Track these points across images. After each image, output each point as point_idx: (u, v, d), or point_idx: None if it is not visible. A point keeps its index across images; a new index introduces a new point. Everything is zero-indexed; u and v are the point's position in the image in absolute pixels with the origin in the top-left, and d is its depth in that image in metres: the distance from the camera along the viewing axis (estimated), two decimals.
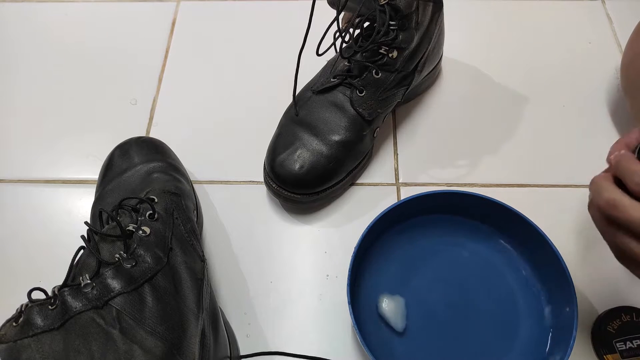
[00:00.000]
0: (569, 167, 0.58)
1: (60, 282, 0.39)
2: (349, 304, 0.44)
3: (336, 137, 0.53)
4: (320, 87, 0.55)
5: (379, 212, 0.49)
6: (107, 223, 0.44)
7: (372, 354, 0.42)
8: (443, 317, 0.49)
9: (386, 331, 0.48)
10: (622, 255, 0.35)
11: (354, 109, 0.53)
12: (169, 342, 0.38)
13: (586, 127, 0.61)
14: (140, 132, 0.62)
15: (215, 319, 0.44)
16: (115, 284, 0.38)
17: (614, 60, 0.67)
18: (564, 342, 0.43)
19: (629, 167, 0.34)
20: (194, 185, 0.56)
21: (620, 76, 0.59)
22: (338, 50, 0.54)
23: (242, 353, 0.48)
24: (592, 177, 0.59)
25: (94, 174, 0.55)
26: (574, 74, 0.66)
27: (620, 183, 0.35)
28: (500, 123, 0.62)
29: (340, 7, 0.50)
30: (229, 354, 0.45)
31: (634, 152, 0.36)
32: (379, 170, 0.59)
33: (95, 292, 0.38)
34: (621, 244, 0.34)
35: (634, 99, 0.56)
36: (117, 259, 0.40)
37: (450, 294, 0.50)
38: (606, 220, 0.35)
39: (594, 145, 0.60)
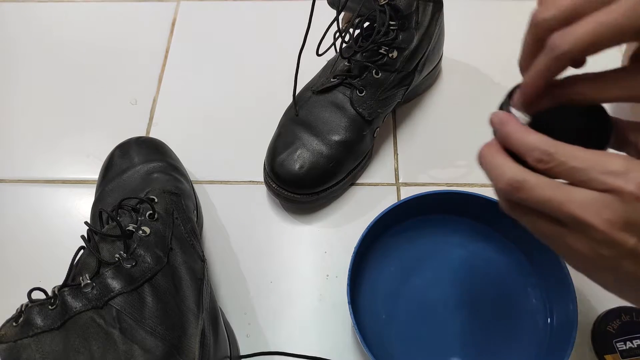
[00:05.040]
0: None
1: (60, 282, 0.39)
2: (349, 304, 0.44)
3: (336, 137, 0.53)
4: (320, 87, 0.55)
5: (379, 212, 0.49)
6: (107, 223, 0.44)
7: (372, 354, 0.42)
8: (443, 317, 0.49)
9: (386, 331, 0.48)
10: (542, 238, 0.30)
11: (354, 109, 0.53)
12: (169, 342, 0.38)
13: None
14: (140, 132, 0.62)
15: (215, 319, 0.44)
16: (115, 284, 0.38)
17: (614, 60, 0.67)
18: (564, 342, 0.43)
19: (523, 140, 0.28)
20: (194, 185, 0.56)
21: None
22: (338, 50, 0.54)
23: (242, 353, 0.48)
24: None
25: (94, 174, 0.55)
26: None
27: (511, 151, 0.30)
28: None
29: (340, 7, 0.50)
30: (229, 354, 0.45)
31: (502, 107, 0.32)
32: (379, 170, 0.59)
33: (95, 292, 0.38)
34: (534, 230, 0.30)
35: None
36: (117, 259, 0.40)
37: (450, 294, 0.50)
38: (509, 203, 0.30)
39: None
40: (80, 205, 0.58)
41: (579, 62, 0.30)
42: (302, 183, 0.52)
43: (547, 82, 0.29)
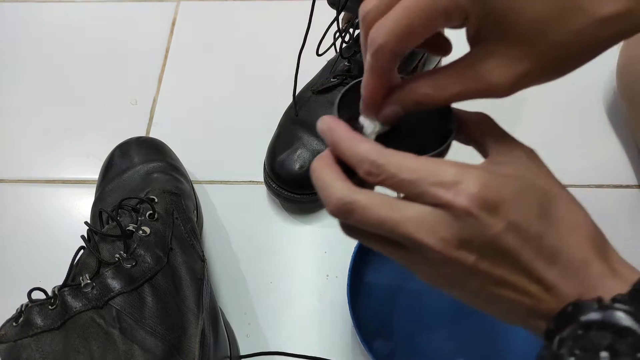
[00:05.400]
0: (568, 168, 0.58)
1: (60, 282, 0.39)
2: (349, 304, 0.44)
3: None
4: (320, 87, 0.55)
5: None
6: (107, 223, 0.44)
7: (372, 354, 0.42)
8: (443, 317, 0.49)
9: (386, 331, 0.48)
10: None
11: None
12: (169, 342, 0.38)
13: (584, 129, 0.61)
14: (140, 132, 0.62)
15: (215, 319, 0.44)
16: (115, 284, 0.38)
17: (611, 63, 0.66)
18: None
19: (352, 151, 0.25)
20: (194, 185, 0.56)
21: (616, 79, 0.60)
22: (338, 50, 0.54)
23: (242, 353, 0.48)
24: (590, 177, 0.59)
25: (94, 174, 0.55)
26: (572, 76, 0.65)
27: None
28: (499, 123, 0.62)
29: (340, 7, 0.50)
30: (229, 354, 0.45)
31: (338, 111, 0.28)
32: None
33: (95, 292, 0.38)
34: (382, 252, 0.27)
35: (630, 101, 0.56)
36: (117, 259, 0.40)
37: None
38: (345, 226, 0.27)
39: (591, 147, 0.60)
40: (80, 205, 0.58)
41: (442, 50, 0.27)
42: (302, 183, 0.52)
43: (383, 82, 0.26)
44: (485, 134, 0.28)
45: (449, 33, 0.68)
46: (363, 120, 0.27)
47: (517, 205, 0.23)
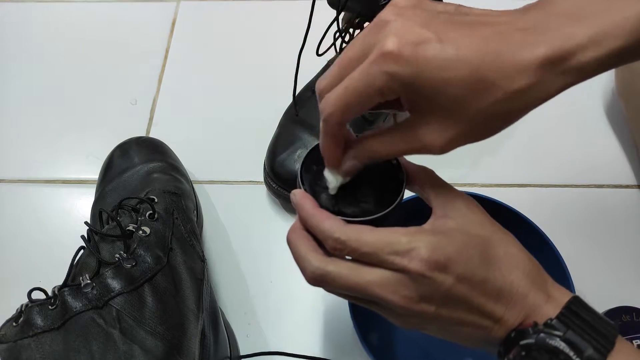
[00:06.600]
0: (568, 168, 0.58)
1: (60, 282, 0.39)
2: (349, 304, 0.44)
3: None
4: None
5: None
6: (107, 223, 0.44)
7: (372, 354, 0.42)
8: None
9: (386, 331, 0.48)
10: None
11: None
12: (169, 342, 0.38)
13: (583, 128, 0.61)
14: (140, 132, 0.62)
15: (215, 319, 0.44)
16: (115, 284, 0.38)
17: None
18: None
19: (318, 228, 0.30)
20: (194, 185, 0.56)
21: (614, 79, 0.60)
22: (338, 50, 0.54)
23: (242, 353, 0.48)
24: (590, 177, 0.59)
25: (94, 174, 0.55)
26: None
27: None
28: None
29: (340, 7, 0.50)
30: (229, 354, 0.45)
31: (301, 182, 0.33)
32: None
33: (95, 292, 0.38)
34: (363, 306, 0.31)
35: (628, 101, 0.56)
36: (117, 259, 0.40)
37: None
38: (325, 288, 0.30)
39: (591, 146, 0.60)
40: (80, 205, 0.58)
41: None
42: None
43: (335, 142, 0.30)
44: (426, 187, 0.32)
45: None
46: (327, 174, 0.32)
47: (461, 260, 0.27)
